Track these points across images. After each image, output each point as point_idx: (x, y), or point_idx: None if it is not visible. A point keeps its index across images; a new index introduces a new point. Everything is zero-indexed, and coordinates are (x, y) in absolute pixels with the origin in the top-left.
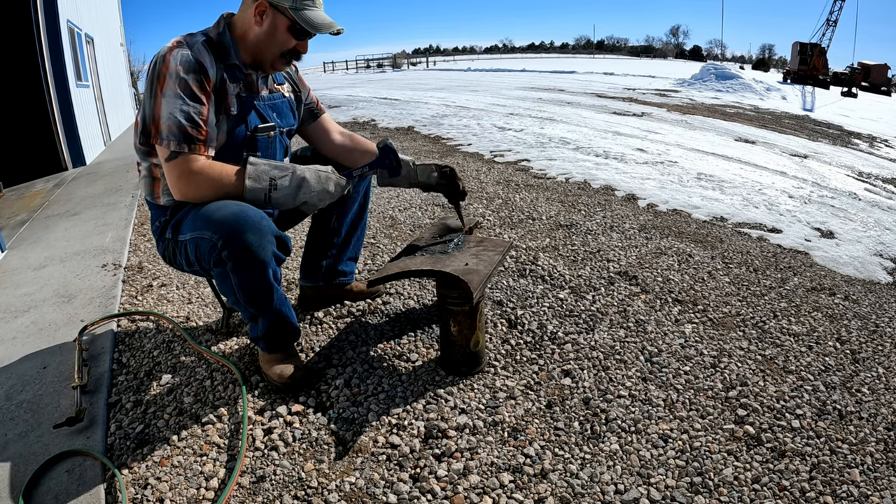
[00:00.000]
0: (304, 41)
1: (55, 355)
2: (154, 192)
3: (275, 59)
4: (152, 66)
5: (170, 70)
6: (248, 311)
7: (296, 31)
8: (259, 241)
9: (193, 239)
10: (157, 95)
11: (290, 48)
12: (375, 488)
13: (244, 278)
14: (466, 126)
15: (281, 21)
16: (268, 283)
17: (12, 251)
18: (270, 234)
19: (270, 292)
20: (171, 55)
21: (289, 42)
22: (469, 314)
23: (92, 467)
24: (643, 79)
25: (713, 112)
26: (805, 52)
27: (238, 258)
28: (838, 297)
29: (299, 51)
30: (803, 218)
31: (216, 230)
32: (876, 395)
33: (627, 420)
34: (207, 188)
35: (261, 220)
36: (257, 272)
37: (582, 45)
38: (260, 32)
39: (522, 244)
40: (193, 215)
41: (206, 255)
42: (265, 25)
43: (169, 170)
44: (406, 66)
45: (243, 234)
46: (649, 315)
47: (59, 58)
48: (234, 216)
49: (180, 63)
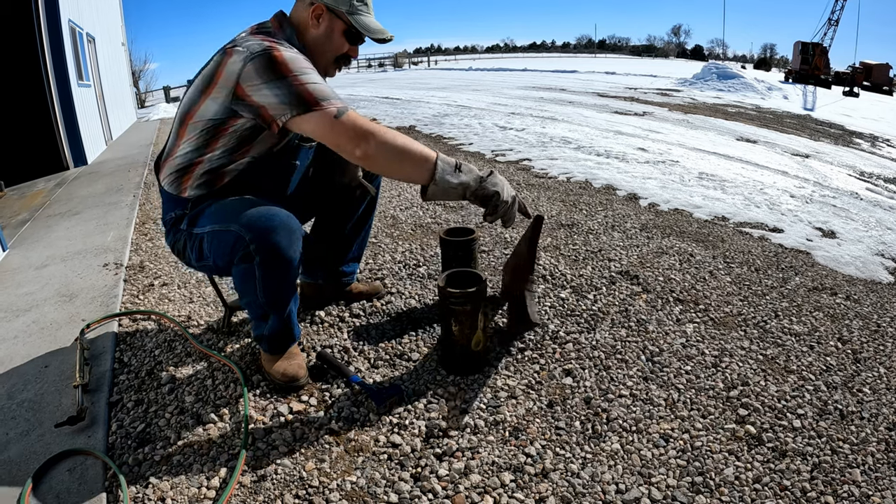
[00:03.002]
0: (356, 46)
1: (56, 354)
2: (181, 185)
3: (328, 63)
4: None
5: (287, 58)
6: (261, 310)
7: (351, 35)
8: (289, 239)
9: (215, 232)
10: (290, 76)
11: (343, 52)
12: (376, 487)
13: (270, 275)
14: (468, 125)
15: (337, 25)
16: (293, 281)
17: (14, 250)
18: (300, 233)
19: (291, 292)
20: (279, 48)
21: (343, 46)
22: (470, 314)
23: (93, 466)
24: (645, 78)
25: (715, 111)
26: (807, 52)
27: (267, 255)
28: (840, 297)
29: (350, 56)
30: (805, 217)
31: (246, 225)
32: (877, 395)
33: (629, 419)
34: (395, 143)
35: (290, 218)
36: (283, 270)
37: (583, 44)
38: (317, 35)
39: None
40: (217, 209)
41: (227, 250)
42: (322, 29)
43: (342, 125)
44: (407, 66)
45: (275, 232)
46: (651, 315)
47: (61, 57)
48: (266, 215)
49: (294, 53)
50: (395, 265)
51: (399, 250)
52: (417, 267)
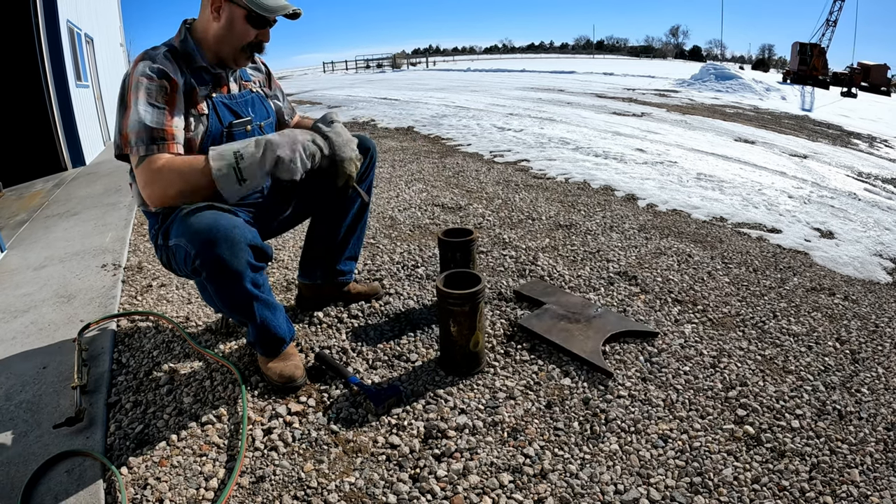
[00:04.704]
0: (264, 30)
1: (55, 355)
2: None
3: (237, 53)
4: (122, 82)
5: (135, 82)
6: (234, 318)
7: (253, 19)
8: (231, 252)
9: (175, 246)
10: (127, 107)
11: (251, 40)
12: (375, 488)
13: (220, 288)
14: (466, 126)
15: (237, 12)
16: (245, 292)
17: (12, 251)
18: (244, 243)
19: (249, 301)
20: (136, 69)
21: (248, 33)
22: (469, 314)
23: (91, 467)
24: (643, 79)
25: (713, 112)
26: (805, 53)
27: (211, 269)
28: (838, 297)
29: (261, 40)
30: (803, 218)
31: (190, 240)
32: (875, 395)
33: (627, 420)
34: (175, 182)
35: (232, 229)
36: (232, 282)
37: (582, 45)
38: (219, 28)
39: (522, 244)
40: (178, 221)
41: (184, 263)
42: (223, 20)
43: (139, 175)
44: (406, 67)
45: (215, 245)
46: (649, 315)
47: (59, 58)
48: (207, 227)
49: (143, 74)
50: (394, 266)
51: (397, 251)
52: (416, 268)
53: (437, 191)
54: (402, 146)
